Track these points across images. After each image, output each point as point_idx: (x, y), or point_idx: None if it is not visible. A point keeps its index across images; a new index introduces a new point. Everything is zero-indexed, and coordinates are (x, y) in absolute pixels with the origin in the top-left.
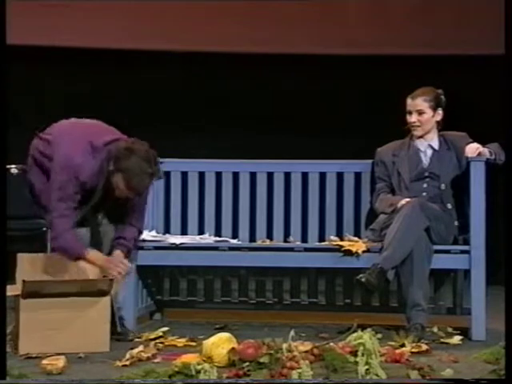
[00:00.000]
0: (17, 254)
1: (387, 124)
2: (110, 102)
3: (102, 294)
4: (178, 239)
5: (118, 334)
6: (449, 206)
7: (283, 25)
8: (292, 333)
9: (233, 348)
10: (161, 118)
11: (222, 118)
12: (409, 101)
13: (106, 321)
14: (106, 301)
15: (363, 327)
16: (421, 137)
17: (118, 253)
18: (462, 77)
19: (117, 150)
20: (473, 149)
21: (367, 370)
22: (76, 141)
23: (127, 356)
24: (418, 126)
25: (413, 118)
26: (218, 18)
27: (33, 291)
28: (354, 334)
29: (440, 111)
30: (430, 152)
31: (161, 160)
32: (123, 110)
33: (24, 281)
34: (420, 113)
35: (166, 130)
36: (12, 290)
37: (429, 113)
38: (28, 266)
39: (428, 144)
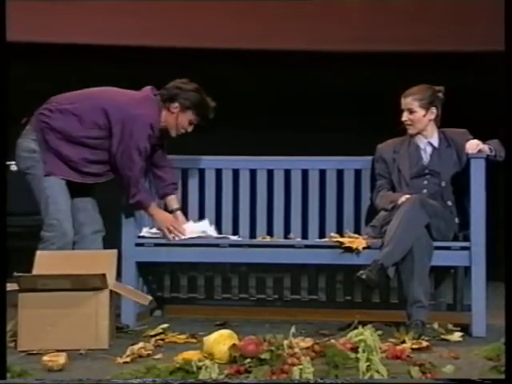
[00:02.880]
0: (36, 252)
1: (387, 121)
2: None
3: (98, 289)
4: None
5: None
6: (449, 202)
7: (282, 22)
8: (293, 329)
9: (234, 344)
10: None
11: (222, 114)
12: (402, 99)
13: (105, 317)
14: (104, 297)
15: (363, 324)
16: (420, 134)
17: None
18: (462, 73)
19: (176, 82)
20: (473, 145)
21: (368, 366)
22: (133, 99)
23: (128, 352)
24: (410, 125)
25: (404, 117)
26: (218, 14)
27: (29, 286)
28: (355, 331)
29: (434, 110)
30: (429, 149)
31: None
32: None
33: (19, 276)
34: (411, 111)
35: None
36: (12, 286)
37: (420, 112)
38: (45, 264)
39: (428, 141)
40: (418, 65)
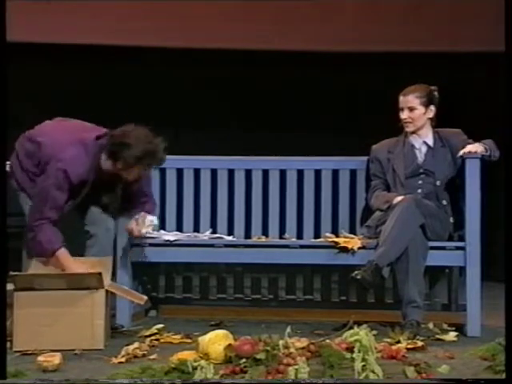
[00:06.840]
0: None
1: (382, 121)
2: (108, 98)
3: (93, 289)
4: (172, 236)
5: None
6: (444, 202)
7: (279, 23)
8: (288, 329)
9: (229, 344)
10: (156, 114)
11: (218, 114)
12: (401, 97)
13: (100, 317)
14: (99, 297)
15: (359, 324)
16: (415, 133)
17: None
18: (458, 74)
19: (117, 134)
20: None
21: (363, 366)
22: (66, 140)
23: (123, 353)
24: (410, 123)
25: (404, 115)
26: (216, 15)
27: (24, 285)
28: (350, 331)
29: (432, 108)
30: (424, 149)
31: None
32: (121, 107)
33: (15, 275)
34: (411, 109)
35: (162, 126)
36: (7, 285)
37: (420, 109)
38: (42, 269)
39: (423, 141)
40: (415, 65)
